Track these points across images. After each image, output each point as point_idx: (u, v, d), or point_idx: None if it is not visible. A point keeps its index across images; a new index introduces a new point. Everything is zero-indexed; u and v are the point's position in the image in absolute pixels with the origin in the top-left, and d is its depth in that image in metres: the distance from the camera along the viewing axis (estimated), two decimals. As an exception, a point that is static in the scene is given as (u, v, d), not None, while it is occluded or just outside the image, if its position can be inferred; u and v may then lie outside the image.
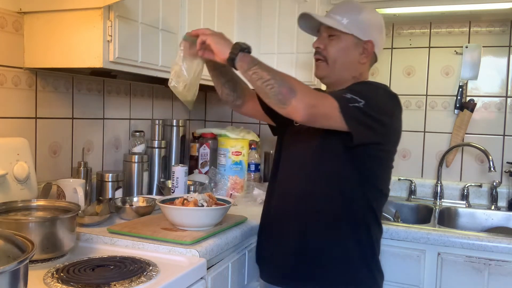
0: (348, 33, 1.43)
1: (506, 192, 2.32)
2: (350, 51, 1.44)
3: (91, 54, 1.50)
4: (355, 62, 1.45)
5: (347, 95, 1.27)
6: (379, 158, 1.40)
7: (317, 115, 1.24)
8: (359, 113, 1.26)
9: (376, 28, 1.48)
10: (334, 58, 1.44)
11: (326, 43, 1.46)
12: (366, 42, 1.44)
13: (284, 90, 1.21)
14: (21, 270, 0.79)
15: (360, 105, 1.26)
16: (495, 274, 1.70)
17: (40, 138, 1.71)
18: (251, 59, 1.29)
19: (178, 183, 1.88)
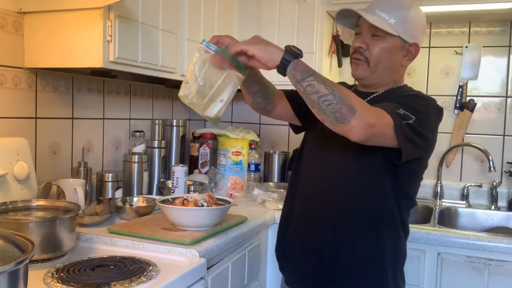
0: (395, 35, 1.32)
1: (506, 192, 2.32)
2: (395, 53, 1.34)
3: (91, 54, 1.50)
4: (398, 65, 1.37)
5: (400, 111, 1.19)
6: (416, 172, 1.38)
7: (374, 135, 1.16)
8: (410, 130, 1.20)
9: (422, 29, 1.38)
10: (377, 60, 1.34)
11: (368, 43, 1.35)
12: (411, 45, 1.35)
13: (344, 108, 1.11)
14: (21, 270, 0.79)
15: (411, 122, 1.20)
16: (495, 274, 1.70)
17: (40, 138, 1.71)
18: (305, 68, 1.16)
19: (178, 183, 1.89)
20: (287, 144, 2.68)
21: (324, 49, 2.31)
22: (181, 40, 1.93)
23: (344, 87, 1.17)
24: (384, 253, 1.36)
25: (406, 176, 1.35)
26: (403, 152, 1.21)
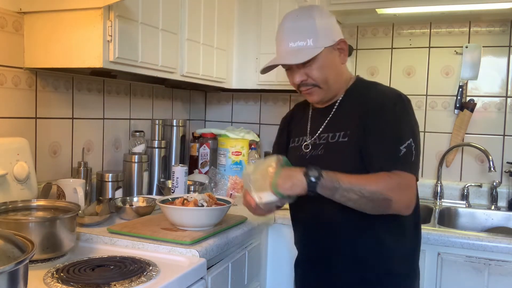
0: (321, 50, 1.31)
1: (506, 192, 2.32)
2: (331, 62, 1.34)
3: (91, 54, 1.50)
4: (340, 67, 1.38)
5: (403, 151, 1.24)
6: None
7: (413, 200, 1.28)
8: (416, 158, 1.27)
9: (334, 24, 1.38)
10: (323, 79, 1.34)
11: (305, 72, 1.33)
12: (338, 43, 1.35)
13: (381, 203, 1.21)
14: (21, 270, 0.79)
15: (412, 149, 1.26)
16: (495, 274, 1.70)
17: (40, 138, 1.71)
18: (331, 186, 1.21)
19: (178, 183, 1.89)
20: (287, 144, 2.67)
21: (324, 49, 2.31)
22: (181, 40, 1.93)
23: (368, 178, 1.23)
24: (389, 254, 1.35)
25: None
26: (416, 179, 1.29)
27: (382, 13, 2.32)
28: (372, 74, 2.58)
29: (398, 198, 1.21)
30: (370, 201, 1.21)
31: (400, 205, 1.23)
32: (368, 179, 1.23)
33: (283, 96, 2.68)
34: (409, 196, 1.25)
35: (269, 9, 2.32)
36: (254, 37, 2.36)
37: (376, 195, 1.20)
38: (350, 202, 1.22)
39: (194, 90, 2.68)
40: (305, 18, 1.33)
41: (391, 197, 1.20)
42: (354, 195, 1.20)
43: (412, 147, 1.25)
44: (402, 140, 1.25)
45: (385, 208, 1.22)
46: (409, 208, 1.26)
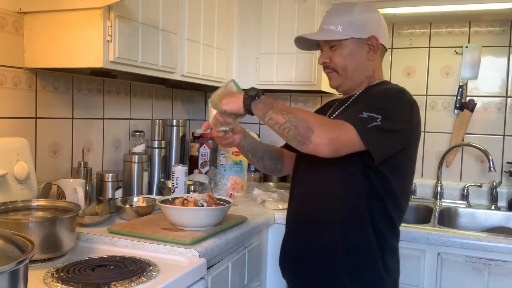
0: (347, 38, 1.39)
1: (506, 192, 2.32)
2: (356, 53, 1.41)
3: (91, 54, 1.50)
4: (365, 62, 1.42)
5: (364, 115, 1.24)
6: (401, 165, 1.38)
7: (339, 147, 1.22)
8: (378, 131, 1.23)
9: (373, 21, 1.43)
10: (343, 66, 1.41)
11: (330, 55, 1.43)
12: (369, 39, 1.40)
13: (301, 130, 1.20)
14: (21, 270, 0.79)
15: (378, 122, 1.23)
16: (495, 274, 1.70)
17: (40, 138, 1.71)
18: (263, 105, 1.26)
19: (178, 183, 1.89)
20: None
21: (324, 49, 2.31)
22: (181, 40, 1.93)
23: (302, 110, 1.26)
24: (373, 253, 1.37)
25: (393, 174, 1.35)
26: (374, 155, 1.25)
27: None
28: (372, 74, 2.57)
29: (320, 133, 1.19)
30: (294, 127, 1.20)
31: (320, 140, 1.19)
32: (303, 111, 1.26)
33: (283, 96, 2.68)
34: (334, 136, 1.20)
35: (269, 9, 2.32)
36: (254, 37, 2.36)
37: (301, 122, 1.20)
38: (277, 126, 1.23)
39: (194, 90, 2.68)
40: (346, 7, 1.43)
41: (314, 128, 1.19)
42: (282, 118, 1.22)
43: (376, 119, 1.23)
44: (370, 109, 1.25)
45: (304, 139, 1.20)
46: (328, 148, 1.20)
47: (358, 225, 1.36)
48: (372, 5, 1.48)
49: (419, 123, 1.39)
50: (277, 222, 1.93)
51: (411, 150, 1.40)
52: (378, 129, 1.23)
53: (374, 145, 1.24)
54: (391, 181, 1.35)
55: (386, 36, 1.46)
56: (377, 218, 1.37)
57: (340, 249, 1.37)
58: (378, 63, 1.46)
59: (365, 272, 1.38)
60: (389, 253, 1.42)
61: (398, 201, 1.40)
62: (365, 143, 1.23)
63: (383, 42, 1.44)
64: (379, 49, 1.43)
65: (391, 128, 1.26)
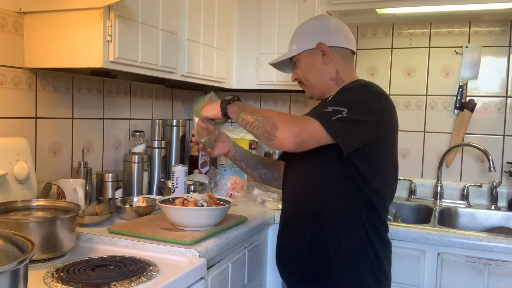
0: (301, 53, 1.52)
1: (506, 192, 2.32)
2: (311, 63, 1.51)
3: (91, 54, 1.50)
4: (322, 67, 1.50)
5: (329, 109, 1.31)
6: (377, 159, 1.40)
7: (303, 140, 1.29)
8: (344, 123, 1.29)
9: (318, 28, 1.53)
10: (305, 78, 1.53)
11: (296, 71, 1.56)
12: (318, 46, 1.49)
13: (267, 127, 1.29)
14: (21, 270, 0.79)
15: (343, 114, 1.29)
16: (495, 274, 1.70)
17: (40, 138, 1.71)
18: (237, 108, 1.38)
19: (178, 183, 1.88)
20: (287, 144, 2.67)
21: (324, 49, 2.31)
22: (181, 40, 1.93)
23: (270, 110, 1.37)
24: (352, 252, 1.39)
25: (371, 171, 1.37)
26: (342, 146, 1.30)
27: (382, 13, 2.32)
28: (372, 74, 2.58)
29: (283, 128, 1.27)
30: (261, 125, 1.31)
31: (284, 135, 1.27)
32: (271, 111, 1.37)
33: (283, 96, 2.68)
34: (297, 130, 1.28)
35: (269, 9, 2.32)
36: (254, 37, 2.36)
37: (267, 120, 1.31)
38: (248, 125, 1.34)
39: (194, 90, 2.68)
40: (300, 25, 1.59)
41: (278, 124, 1.28)
42: (251, 118, 1.33)
43: (339, 111, 1.29)
44: (336, 104, 1.32)
45: (270, 135, 1.29)
46: (293, 142, 1.27)
47: (345, 223, 1.39)
48: (322, 16, 1.63)
49: (393, 115, 1.41)
50: (277, 222, 1.92)
51: (386, 145, 1.41)
52: (343, 120, 1.29)
53: (340, 136, 1.29)
54: (370, 179, 1.37)
55: (340, 38, 1.52)
56: (364, 216, 1.39)
57: (330, 247, 1.40)
58: (339, 63, 1.51)
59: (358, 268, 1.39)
60: (381, 248, 1.43)
61: (382, 199, 1.42)
62: (331, 135, 1.28)
63: (334, 44, 1.50)
64: (332, 51, 1.49)
65: (358, 118, 1.31)
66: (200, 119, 1.46)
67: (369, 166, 1.37)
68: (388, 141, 1.42)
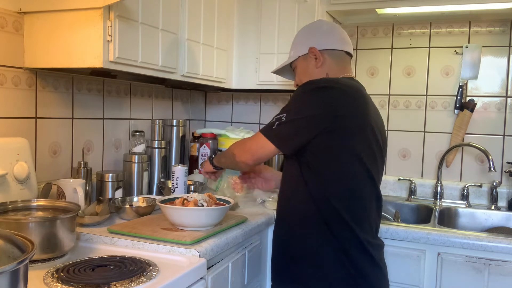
0: (296, 58, 1.60)
1: (506, 192, 2.32)
2: (306, 68, 1.57)
3: (91, 54, 1.50)
4: (314, 71, 1.55)
5: (272, 119, 1.42)
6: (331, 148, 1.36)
7: (255, 155, 1.48)
8: (282, 127, 1.38)
9: (309, 33, 1.60)
10: (301, 82, 1.56)
11: (295, 77, 1.64)
12: (310, 50, 1.54)
13: (231, 159, 1.55)
14: (21, 270, 0.79)
15: (282, 119, 1.38)
16: (495, 274, 1.70)
17: (40, 138, 1.71)
18: (218, 158, 1.69)
19: (178, 183, 1.88)
20: (287, 144, 2.68)
21: (324, 49, 2.31)
22: (181, 40, 1.93)
23: (231, 146, 1.59)
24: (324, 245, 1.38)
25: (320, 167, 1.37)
26: (279, 148, 1.42)
27: (382, 13, 2.32)
28: (372, 74, 2.58)
29: (238, 152, 1.52)
30: (228, 160, 1.59)
31: (240, 157, 1.51)
32: (232, 145, 1.59)
33: (283, 96, 2.68)
34: (246, 148, 1.50)
35: (269, 9, 2.32)
36: (254, 37, 2.36)
37: (228, 153, 1.58)
38: (225, 164, 1.66)
39: (194, 90, 2.68)
40: (298, 31, 1.67)
41: (235, 152, 1.53)
42: (223, 159, 1.65)
43: (280, 118, 1.39)
44: (279, 112, 1.43)
45: (233, 162, 1.55)
46: (247, 158, 1.49)
47: (306, 225, 1.41)
48: (316, 21, 1.69)
49: (341, 106, 1.35)
50: (277, 222, 1.93)
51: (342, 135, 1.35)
52: (281, 124, 1.39)
53: (278, 140, 1.40)
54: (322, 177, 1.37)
55: (330, 41, 1.56)
56: (326, 217, 1.37)
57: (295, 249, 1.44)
58: (330, 66, 1.54)
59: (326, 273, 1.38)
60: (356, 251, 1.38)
61: (347, 202, 1.37)
62: (272, 142, 1.41)
63: (325, 47, 1.54)
64: (323, 54, 1.54)
65: (294, 118, 1.37)
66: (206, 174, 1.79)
67: (318, 161, 1.36)
68: (340, 134, 1.35)
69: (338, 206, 1.36)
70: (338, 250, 1.37)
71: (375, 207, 1.46)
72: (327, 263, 1.38)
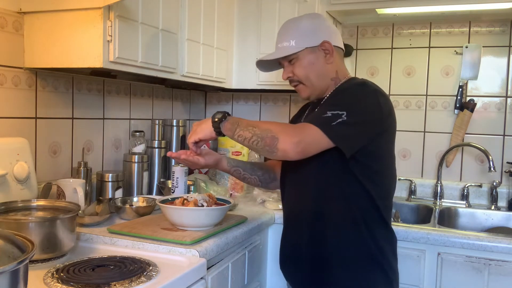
0: (302, 49, 1.45)
1: (506, 192, 2.32)
2: (314, 61, 1.46)
3: (91, 54, 1.50)
4: (325, 66, 1.47)
5: (328, 114, 1.30)
6: (378, 154, 1.40)
7: (306, 148, 1.29)
8: (345, 127, 1.29)
9: (321, 26, 1.49)
10: (305, 76, 1.47)
11: (291, 70, 1.49)
12: (322, 44, 1.45)
13: (268, 140, 1.29)
14: (21, 270, 0.79)
15: (343, 118, 1.29)
16: (495, 274, 1.70)
17: (40, 138, 1.71)
18: (231, 125, 1.36)
19: (178, 183, 1.88)
20: (287, 144, 2.68)
21: (324, 49, 2.31)
22: (181, 40, 1.93)
23: (266, 122, 1.34)
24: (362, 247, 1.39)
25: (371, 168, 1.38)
26: (344, 149, 1.31)
27: (382, 13, 2.32)
28: (372, 74, 2.58)
29: (284, 139, 1.27)
30: (261, 139, 1.30)
31: (286, 146, 1.27)
32: (267, 122, 1.34)
33: (283, 96, 2.68)
34: (298, 139, 1.28)
35: (269, 9, 2.32)
36: (254, 37, 2.36)
37: (266, 132, 1.30)
38: (246, 141, 1.33)
39: (194, 90, 2.68)
40: (293, 21, 1.51)
41: (278, 136, 1.28)
42: (248, 133, 1.32)
43: (340, 116, 1.29)
44: (334, 107, 1.31)
45: (271, 147, 1.29)
46: (295, 151, 1.28)
47: (346, 224, 1.39)
48: (317, 14, 1.58)
49: (391, 112, 1.40)
50: (277, 222, 1.93)
51: (385, 141, 1.42)
52: (344, 123, 1.29)
53: (342, 140, 1.30)
54: (371, 177, 1.38)
55: (338, 37, 1.51)
56: (367, 215, 1.39)
57: (330, 248, 1.40)
58: (338, 63, 1.50)
59: (362, 267, 1.39)
60: (387, 243, 1.44)
61: (385, 196, 1.42)
62: (333, 140, 1.29)
63: (336, 44, 1.48)
64: (335, 50, 1.47)
65: (357, 120, 1.31)
66: (191, 144, 1.44)
67: (370, 163, 1.38)
68: (386, 138, 1.42)
69: (382, 203, 1.41)
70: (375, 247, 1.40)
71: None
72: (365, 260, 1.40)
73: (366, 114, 1.33)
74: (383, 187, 1.43)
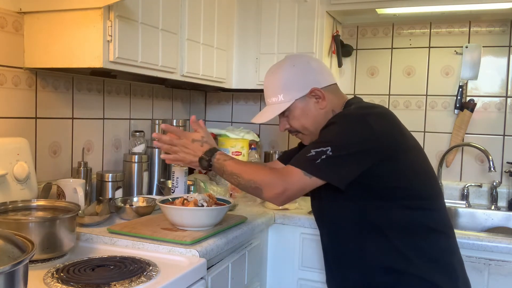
0: (292, 102, 1.42)
1: (506, 192, 2.32)
2: (306, 109, 1.42)
3: (91, 54, 1.50)
4: (318, 112, 1.42)
5: (312, 153, 1.26)
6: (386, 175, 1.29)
7: (290, 196, 1.29)
8: (331, 161, 1.24)
9: (306, 74, 1.43)
10: (302, 126, 1.44)
11: (287, 122, 1.47)
12: (311, 91, 1.40)
13: (251, 190, 1.33)
14: (21, 270, 0.79)
15: (328, 154, 1.24)
16: (495, 274, 1.70)
17: (40, 138, 1.71)
18: (217, 170, 1.40)
19: (178, 183, 1.88)
20: (287, 144, 2.68)
21: (324, 49, 2.31)
22: (181, 40, 1.93)
23: (251, 168, 1.36)
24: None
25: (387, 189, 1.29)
26: (334, 183, 1.25)
27: (382, 13, 2.32)
28: (372, 74, 2.58)
29: (267, 191, 1.29)
30: (245, 188, 1.34)
31: (270, 196, 1.30)
32: (251, 169, 1.35)
33: (283, 96, 2.67)
34: (281, 190, 1.27)
35: (269, 9, 2.32)
36: (254, 37, 2.36)
37: (249, 183, 1.32)
38: (234, 184, 1.37)
39: (194, 90, 2.68)
40: (277, 73, 1.45)
41: (262, 187, 1.30)
42: (234, 181, 1.36)
43: (325, 152, 1.24)
44: (318, 145, 1.27)
45: (257, 195, 1.33)
46: (280, 201, 1.30)
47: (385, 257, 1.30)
48: (298, 56, 1.53)
49: (388, 130, 1.31)
50: (277, 222, 1.93)
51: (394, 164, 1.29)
52: (330, 158, 1.24)
53: (330, 175, 1.25)
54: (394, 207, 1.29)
55: (325, 76, 1.44)
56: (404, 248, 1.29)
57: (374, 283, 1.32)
58: (332, 101, 1.43)
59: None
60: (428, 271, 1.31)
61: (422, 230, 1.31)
62: (321, 178, 1.25)
63: (326, 84, 1.42)
64: (325, 92, 1.41)
65: (345, 153, 1.24)
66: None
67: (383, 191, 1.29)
68: (395, 159, 1.29)
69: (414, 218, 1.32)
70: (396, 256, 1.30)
71: None
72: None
73: (355, 145, 1.25)
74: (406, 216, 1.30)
